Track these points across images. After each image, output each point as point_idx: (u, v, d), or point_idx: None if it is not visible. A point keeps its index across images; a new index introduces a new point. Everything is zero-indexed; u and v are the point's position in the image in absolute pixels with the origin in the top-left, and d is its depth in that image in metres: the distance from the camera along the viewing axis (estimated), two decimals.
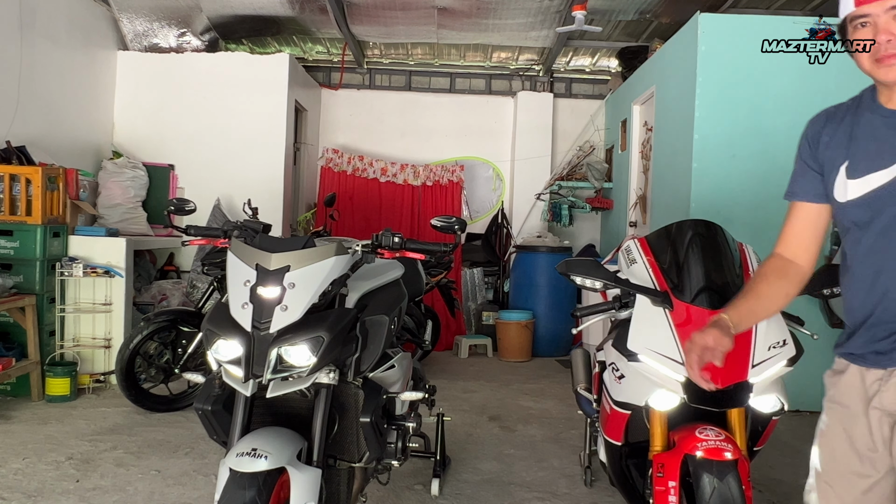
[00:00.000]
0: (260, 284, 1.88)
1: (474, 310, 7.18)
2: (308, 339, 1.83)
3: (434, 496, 3.08)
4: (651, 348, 2.05)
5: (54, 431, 3.82)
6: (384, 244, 2.24)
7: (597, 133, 7.59)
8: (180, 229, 3.52)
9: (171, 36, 6.46)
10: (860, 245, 1.47)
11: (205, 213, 5.91)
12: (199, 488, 3.10)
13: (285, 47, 7.30)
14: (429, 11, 6.13)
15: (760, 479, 3.39)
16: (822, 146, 1.54)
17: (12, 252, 4.43)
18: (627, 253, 2.45)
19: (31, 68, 5.06)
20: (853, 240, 1.49)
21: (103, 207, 5.55)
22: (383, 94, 7.78)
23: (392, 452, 2.42)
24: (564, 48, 7.08)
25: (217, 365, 1.95)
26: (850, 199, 1.47)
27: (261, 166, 6.33)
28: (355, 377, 2.12)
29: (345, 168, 7.23)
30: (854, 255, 1.49)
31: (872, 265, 1.45)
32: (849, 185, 1.47)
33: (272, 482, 1.80)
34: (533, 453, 3.75)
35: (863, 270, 1.47)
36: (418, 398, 2.51)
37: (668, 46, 5.47)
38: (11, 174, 4.46)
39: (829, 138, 1.53)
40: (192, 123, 6.32)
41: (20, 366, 4.27)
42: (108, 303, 4.75)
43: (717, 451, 1.89)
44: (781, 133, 4.72)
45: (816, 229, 1.61)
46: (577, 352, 3.18)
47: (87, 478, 3.18)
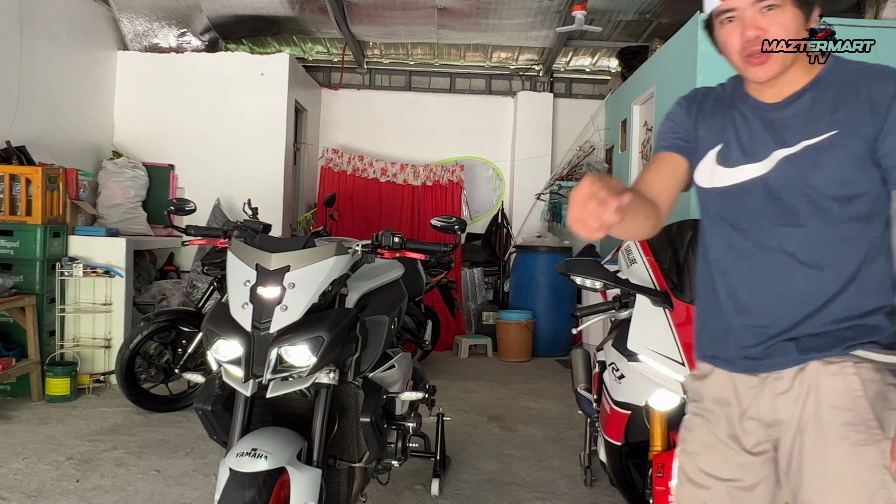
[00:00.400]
0: (260, 284, 1.88)
1: (474, 310, 7.18)
2: (308, 339, 1.83)
3: (434, 496, 3.08)
4: (651, 348, 2.05)
5: (54, 431, 3.82)
6: (384, 244, 2.24)
7: (597, 133, 7.59)
8: (180, 229, 3.52)
9: (171, 36, 6.46)
10: (733, 247, 1.40)
11: (205, 213, 5.91)
12: (199, 488, 3.10)
13: (285, 47, 7.30)
14: (429, 11, 6.13)
15: None
16: (699, 119, 1.47)
17: (12, 252, 4.43)
18: (627, 253, 2.45)
19: (31, 68, 5.06)
20: (725, 240, 1.41)
21: (103, 207, 5.55)
22: (383, 94, 7.78)
23: (392, 452, 2.42)
24: (564, 48, 7.08)
25: (217, 365, 1.95)
26: (716, 187, 1.41)
27: (261, 166, 6.33)
28: (355, 377, 2.12)
29: (345, 168, 7.23)
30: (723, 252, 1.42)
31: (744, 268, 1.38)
32: (717, 172, 1.41)
33: (272, 482, 1.80)
34: (533, 453, 3.75)
35: (736, 272, 1.39)
36: (418, 398, 2.51)
37: (668, 46, 5.47)
38: (11, 174, 4.46)
39: (708, 116, 1.47)
40: (192, 123, 6.32)
41: (20, 366, 4.27)
42: (108, 303, 4.75)
43: None
44: None
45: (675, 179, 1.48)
46: (577, 352, 3.18)
47: (87, 478, 3.18)
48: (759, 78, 1.34)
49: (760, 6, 1.28)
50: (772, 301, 1.35)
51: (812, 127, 1.32)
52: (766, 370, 1.35)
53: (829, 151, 1.30)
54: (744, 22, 1.30)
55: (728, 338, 1.40)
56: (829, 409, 1.30)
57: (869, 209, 1.32)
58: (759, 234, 1.36)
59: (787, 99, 1.36)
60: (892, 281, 1.36)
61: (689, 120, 1.48)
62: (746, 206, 1.37)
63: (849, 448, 1.28)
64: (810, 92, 1.35)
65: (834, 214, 1.31)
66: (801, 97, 1.36)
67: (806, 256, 1.32)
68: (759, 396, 1.36)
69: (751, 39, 1.29)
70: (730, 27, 1.33)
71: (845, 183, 1.30)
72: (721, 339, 1.42)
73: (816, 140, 1.31)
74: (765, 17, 1.29)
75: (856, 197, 1.31)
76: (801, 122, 1.33)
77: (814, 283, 1.32)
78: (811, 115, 1.33)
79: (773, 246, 1.34)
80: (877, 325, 1.33)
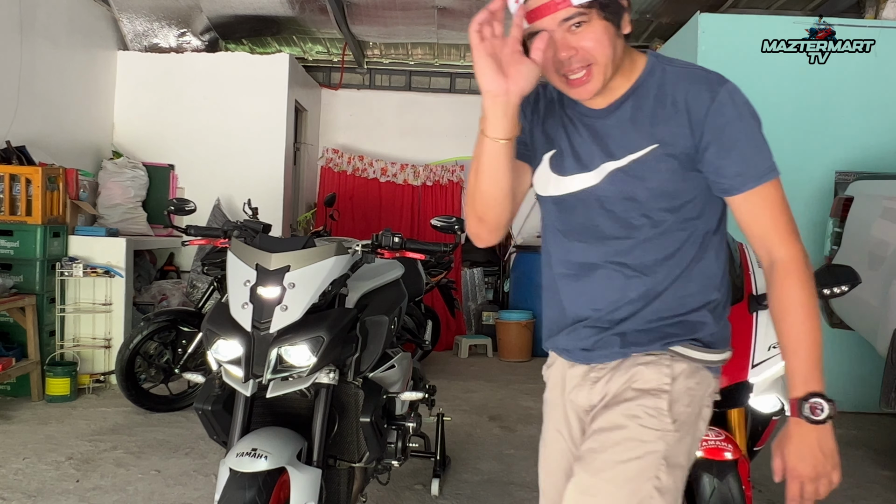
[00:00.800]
0: (260, 284, 1.88)
1: (474, 310, 7.17)
2: (308, 339, 1.83)
3: (434, 496, 3.08)
4: None
5: (54, 431, 3.82)
6: (384, 244, 2.24)
7: None
8: (180, 229, 3.52)
9: (171, 36, 6.46)
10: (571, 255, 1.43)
11: (205, 213, 5.91)
12: (199, 488, 3.10)
13: (285, 47, 7.29)
14: (429, 11, 6.13)
15: (760, 479, 3.38)
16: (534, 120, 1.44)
17: (12, 252, 4.43)
18: None
19: (31, 68, 5.06)
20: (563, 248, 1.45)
21: (103, 207, 5.55)
22: (383, 94, 7.78)
23: (392, 452, 2.42)
24: None
25: (217, 365, 1.95)
26: (552, 195, 1.42)
27: (261, 166, 6.32)
28: (355, 377, 2.12)
29: (345, 168, 7.22)
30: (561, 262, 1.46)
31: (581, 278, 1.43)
32: (552, 180, 1.41)
33: (272, 482, 1.80)
34: (533, 453, 3.71)
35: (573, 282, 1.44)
36: (418, 398, 2.51)
37: (668, 46, 5.47)
38: (11, 174, 4.46)
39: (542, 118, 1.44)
40: (192, 123, 6.31)
41: (20, 366, 4.27)
42: (108, 303, 4.74)
43: (716, 451, 1.89)
44: (781, 133, 4.71)
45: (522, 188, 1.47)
46: None
47: (87, 478, 3.18)
48: (582, 98, 1.32)
49: (568, 25, 1.23)
50: (605, 305, 1.40)
51: (634, 139, 1.32)
52: (595, 361, 1.43)
53: (652, 165, 1.31)
54: (555, 43, 1.24)
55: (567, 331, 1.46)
56: (632, 390, 1.35)
57: (698, 212, 1.36)
58: (595, 245, 1.39)
59: (611, 106, 1.35)
60: (719, 277, 1.41)
61: (527, 122, 1.44)
62: (581, 216, 1.39)
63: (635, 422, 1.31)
64: (631, 99, 1.34)
65: (664, 222, 1.34)
66: (622, 105, 1.34)
67: (638, 266, 1.36)
68: (581, 386, 1.45)
69: (565, 60, 1.25)
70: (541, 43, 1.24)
71: (673, 194, 1.33)
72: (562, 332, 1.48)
73: (640, 154, 1.32)
74: (575, 36, 1.24)
75: (684, 204, 1.34)
76: (623, 133, 1.34)
77: (645, 288, 1.37)
78: (633, 126, 1.33)
79: (607, 258, 1.38)
80: (700, 322, 1.38)
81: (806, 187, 4.67)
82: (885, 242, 3.53)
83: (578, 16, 1.22)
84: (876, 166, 4.58)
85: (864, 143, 4.68)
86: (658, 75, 1.33)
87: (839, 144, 4.69)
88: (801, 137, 4.69)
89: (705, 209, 1.37)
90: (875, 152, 4.67)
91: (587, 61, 1.25)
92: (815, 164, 4.69)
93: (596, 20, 1.23)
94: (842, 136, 4.69)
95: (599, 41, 1.24)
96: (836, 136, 4.69)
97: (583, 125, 1.38)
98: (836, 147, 4.69)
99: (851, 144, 4.68)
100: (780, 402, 2.08)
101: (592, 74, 1.26)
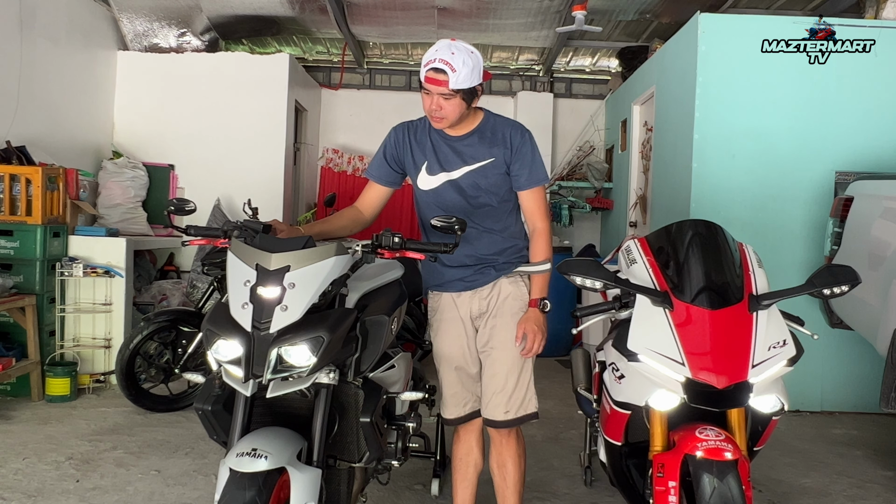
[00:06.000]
0: (260, 284, 1.87)
1: None
2: (308, 339, 1.83)
3: (434, 496, 3.09)
4: (651, 348, 2.05)
5: (54, 431, 3.82)
6: (384, 244, 2.23)
7: (597, 133, 7.59)
8: (180, 229, 3.49)
9: (171, 36, 6.46)
10: None
11: (205, 213, 5.92)
12: (199, 488, 3.10)
13: (285, 47, 7.30)
14: (429, 11, 6.13)
15: (760, 479, 3.39)
16: (407, 149, 2.44)
17: (12, 252, 4.43)
18: (627, 253, 2.45)
19: (31, 68, 5.06)
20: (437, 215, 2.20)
21: (103, 207, 5.55)
22: (383, 94, 7.78)
23: (392, 452, 2.42)
24: (564, 48, 7.08)
25: (217, 365, 1.95)
26: (428, 189, 2.43)
27: (261, 166, 6.33)
28: (355, 377, 2.12)
29: (345, 168, 7.22)
30: None
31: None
32: (427, 179, 2.42)
33: (272, 482, 1.79)
34: (533, 453, 3.74)
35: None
36: (418, 398, 2.51)
37: (668, 46, 5.47)
38: (11, 174, 4.46)
39: (415, 144, 2.43)
40: (192, 123, 6.32)
41: (20, 366, 4.27)
42: (108, 303, 4.75)
43: (717, 451, 1.89)
44: (781, 133, 4.72)
45: (381, 199, 2.53)
46: (577, 352, 3.18)
47: (87, 478, 3.18)
48: (437, 127, 2.36)
49: (441, 95, 2.22)
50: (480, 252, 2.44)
51: (480, 154, 2.38)
52: (477, 286, 2.45)
53: (490, 169, 2.38)
54: (431, 98, 2.26)
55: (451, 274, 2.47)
56: (507, 300, 2.44)
57: (508, 197, 2.45)
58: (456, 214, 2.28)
59: (464, 135, 2.39)
60: (522, 231, 2.51)
61: (399, 152, 2.46)
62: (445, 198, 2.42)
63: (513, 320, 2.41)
64: (476, 133, 2.39)
65: (498, 202, 2.42)
66: (471, 136, 2.39)
67: (491, 226, 2.43)
68: (472, 301, 2.47)
69: (433, 110, 2.28)
70: (426, 96, 2.27)
71: (500, 186, 2.41)
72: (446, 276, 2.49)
73: (484, 163, 2.38)
74: (442, 100, 2.24)
75: (505, 193, 2.43)
76: (473, 151, 2.38)
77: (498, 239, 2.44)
78: (479, 147, 2.38)
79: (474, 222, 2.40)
80: (522, 254, 2.48)
81: (806, 187, 4.68)
82: (885, 242, 3.53)
83: (449, 95, 2.22)
84: (876, 166, 4.58)
85: (864, 143, 4.68)
86: (491, 122, 2.41)
87: (839, 144, 4.69)
88: (801, 137, 4.70)
89: (511, 195, 2.45)
90: (875, 152, 4.68)
91: (443, 116, 2.28)
92: (815, 164, 4.69)
93: (456, 99, 2.24)
94: (842, 136, 4.69)
95: (454, 110, 2.27)
96: (836, 136, 4.69)
97: (446, 145, 2.40)
98: (836, 147, 4.69)
99: (851, 144, 4.69)
100: (780, 402, 2.08)
101: (444, 121, 2.30)
